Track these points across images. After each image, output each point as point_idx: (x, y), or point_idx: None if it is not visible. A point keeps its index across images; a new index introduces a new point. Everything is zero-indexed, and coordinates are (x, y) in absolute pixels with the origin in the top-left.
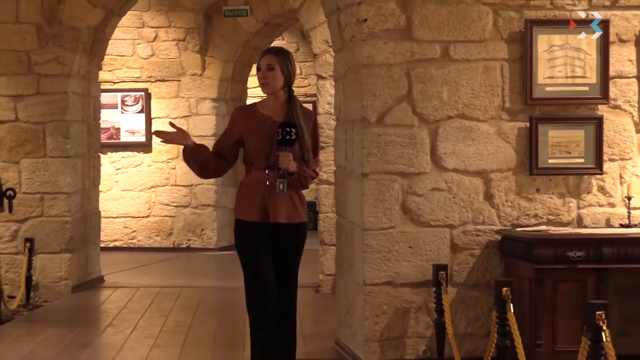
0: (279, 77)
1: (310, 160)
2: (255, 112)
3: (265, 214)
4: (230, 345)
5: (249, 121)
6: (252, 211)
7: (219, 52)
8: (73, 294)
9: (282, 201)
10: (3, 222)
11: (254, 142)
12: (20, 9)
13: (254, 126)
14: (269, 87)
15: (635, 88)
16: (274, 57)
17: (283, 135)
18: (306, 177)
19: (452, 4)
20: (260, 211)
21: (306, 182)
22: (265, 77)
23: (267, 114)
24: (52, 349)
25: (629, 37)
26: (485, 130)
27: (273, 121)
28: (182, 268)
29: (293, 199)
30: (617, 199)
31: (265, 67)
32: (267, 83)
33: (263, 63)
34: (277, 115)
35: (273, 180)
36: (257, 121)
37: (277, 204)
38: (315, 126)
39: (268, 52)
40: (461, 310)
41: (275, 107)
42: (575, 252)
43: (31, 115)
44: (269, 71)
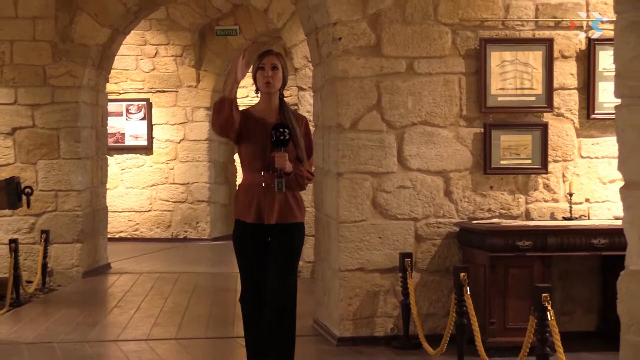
0: (280, 78)
1: (305, 160)
2: (249, 115)
3: (260, 215)
4: (222, 323)
5: (245, 123)
6: (248, 212)
7: (211, 67)
8: (83, 279)
9: (277, 202)
10: (22, 216)
11: (250, 144)
12: (37, 28)
13: (250, 128)
14: (271, 86)
15: (576, 98)
16: (277, 57)
17: (277, 136)
18: (302, 177)
19: (416, 24)
20: (256, 212)
21: (303, 182)
22: (270, 76)
23: (261, 116)
24: (65, 327)
25: (570, 53)
26: (445, 135)
27: (267, 123)
28: (180, 256)
29: (289, 200)
30: (560, 195)
31: (269, 67)
32: (271, 82)
33: (267, 62)
34: (270, 118)
35: (268, 181)
36: (252, 124)
37: (272, 205)
38: (308, 128)
39: (270, 53)
40: (424, 292)
41: (268, 110)
42: (523, 242)
43: (47, 122)
44: (274, 70)
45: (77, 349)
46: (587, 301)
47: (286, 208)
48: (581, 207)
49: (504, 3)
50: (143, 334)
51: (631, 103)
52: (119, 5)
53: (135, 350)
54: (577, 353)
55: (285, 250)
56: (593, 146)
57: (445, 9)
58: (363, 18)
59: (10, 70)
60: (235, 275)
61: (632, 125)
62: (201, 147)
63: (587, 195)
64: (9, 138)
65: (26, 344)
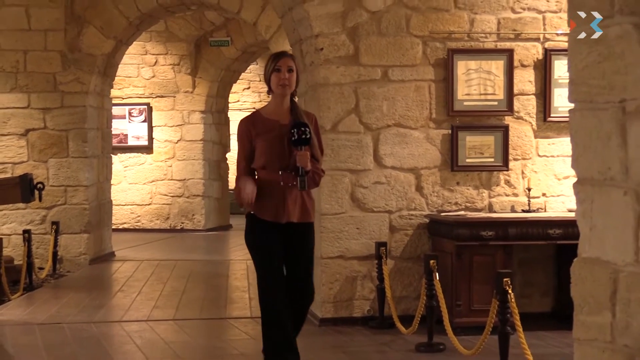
0: (294, 80)
1: (320, 158)
2: (261, 118)
3: (278, 214)
4: (216, 305)
5: (257, 127)
6: (266, 210)
7: (206, 74)
8: (90, 266)
9: (295, 201)
10: (34, 209)
11: (267, 146)
12: (48, 40)
13: (264, 131)
14: (287, 88)
15: (534, 103)
16: (292, 59)
17: (299, 134)
18: (319, 175)
19: (390, 36)
20: (274, 211)
21: (318, 180)
22: (287, 77)
23: (274, 118)
24: (74, 309)
25: (528, 62)
26: (416, 136)
27: (281, 124)
28: (177, 245)
29: (304, 199)
30: (520, 190)
31: (285, 69)
32: (287, 84)
33: (283, 64)
34: (283, 119)
35: (287, 180)
36: (265, 126)
37: (290, 204)
38: (317, 126)
39: (284, 55)
40: (397, 278)
41: (280, 111)
42: (487, 232)
43: (57, 124)
44: (290, 72)
45: (84, 329)
46: (543, 285)
47: (303, 207)
48: (538, 201)
49: (469, 17)
50: (144, 315)
51: (583, 107)
52: (122, 19)
53: (137, 330)
54: (535, 332)
55: (305, 249)
56: (549, 146)
57: (416, 23)
58: (342, 30)
59: (24, 78)
60: (227, 262)
61: (583, 127)
62: (196, 147)
63: (544, 190)
64: (22, 138)
65: (38, 324)
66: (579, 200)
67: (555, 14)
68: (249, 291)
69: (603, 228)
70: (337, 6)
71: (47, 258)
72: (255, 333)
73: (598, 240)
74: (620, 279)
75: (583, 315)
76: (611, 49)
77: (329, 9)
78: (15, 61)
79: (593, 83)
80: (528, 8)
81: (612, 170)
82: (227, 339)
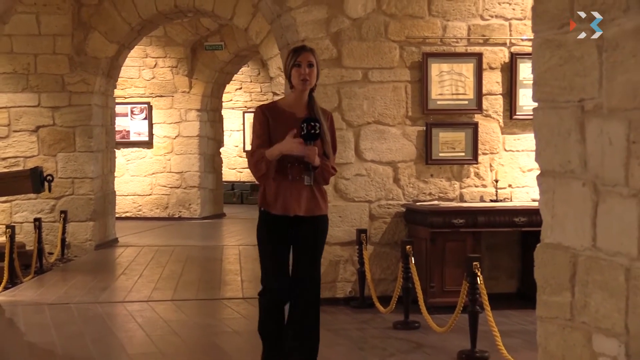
0: (315, 75)
1: (331, 155)
2: (279, 110)
3: (287, 207)
4: (210, 287)
5: (274, 118)
6: (275, 204)
7: (201, 76)
8: (95, 251)
9: (304, 195)
10: (44, 199)
11: (279, 138)
12: (57, 44)
13: (280, 123)
14: (308, 83)
15: (501, 102)
16: (312, 54)
17: (308, 129)
18: (329, 172)
19: (370, 41)
20: (283, 204)
21: (328, 177)
22: (308, 73)
23: (291, 111)
24: (80, 291)
25: (496, 65)
26: (394, 132)
27: (297, 118)
28: (175, 232)
29: (314, 193)
30: (488, 181)
31: (306, 64)
32: (308, 79)
33: (303, 60)
34: (300, 112)
35: (296, 174)
36: (282, 118)
37: (299, 198)
38: (332, 123)
39: (304, 49)
40: (377, 262)
41: (298, 104)
42: (458, 220)
43: (65, 121)
44: (310, 68)
45: (90, 309)
46: (509, 268)
47: (312, 201)
48: (505, 192)
49: (442, 24)
50: (145, 296)
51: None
52: (125, 25)
53: (138, 309)
54: (501, 311)
55: (312, 243)
56: (515, 141)
57: (394, 29)
58: (326, 36)
59: (35, 79)
60: (221, 248)
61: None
62: (193, 142)
63: (510, 181)
64: (33, 134)
65: (48, 304)
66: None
67: (520, 21)
68: (241, 274)
69: (563, 216)
70: (321, 13)
71: (56, 244)
72: (247, 312)
73: (559, 227)
74: (579, 262)
75: (545, 296)
76: (571, 53)
77: (314, 16)
78: (27, 63)
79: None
80: (496, 16)
81: (571, 163)
82: (221, 317)
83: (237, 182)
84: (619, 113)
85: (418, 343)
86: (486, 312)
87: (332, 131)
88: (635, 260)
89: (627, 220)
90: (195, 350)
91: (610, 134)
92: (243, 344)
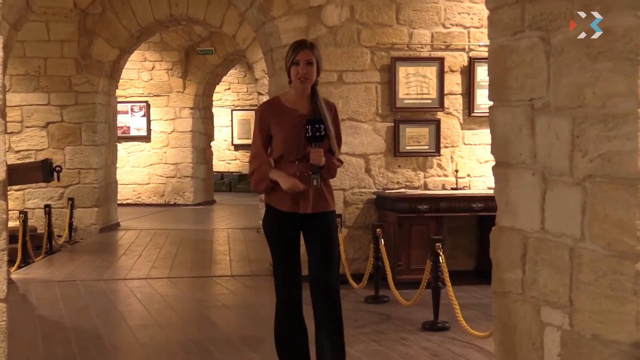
0: (314, 72)
1: (337, 151)
2: (281, 106)
3: (295, 205)
4: (202, 266)
5: (276, 115)
6: (283, 201)
7: (194, 77)
8: (100, 234)
9: (312, 192)
10: (54, 188)
11: (284, 135)
12: (64, 49)
13: (282, 120)
14: (307, 82)
15: (461, 101)
16: (311, 51)
17: (313, 132)
18: (334, 168)
19: (344, 46)
20: (291, 201)
21: (334, 173)
22: (306, 72)
23: (293, 107)
24: (86, 269)
25: (456, 68)
26: (366, 128)
27: (299, 114)
28: (170, 217)
29: (322, 189)
30: (449, 171)
31: (304, 62)
32: (307, 78)
33: (302, 58)
34: (302, 108)
35: (303, 171)
36: (284, 115)
37: (307, 195)
38: (337, 115)
39: (304, 46)
40: (350, 243)
41: (300, 100)
42: (422, 206)
43: (72, 118)
44: (309, 66)
45: (95, 285)
46: (467, 249)
47: (320, 197)
48: (464, 181)
49: (408, 31)
50: (144, 274)
51: (500, 105)
52: (125, 32)
53: (137, 286)
54: (461, 286)
55: (325, 238)
56: (473, 136)
57: (365, 36)
58: None
59: (45, 80)
60: (212, 231)
61: (500, 121)
62: (186, 137)
63: (469, 171)
64: (43, 130)
65: (57, 281)
66: (497, 180)
67: (477, 29)
68: (230, 254)
69: (516, 202)
70: (301, 22)
71: (64, 227)
72: (235, 288)
73: (512, 212)
74: (529, 243)
75: (499, 273)
76: (522, 58)
77: (295, 24)
78: (38, 66)
79: (508, 85)
80: (456, 24)
81: (523, 155)
82: (212, 293)
83: (226, 173)
84: (565, 111)
85: (387, 315)
86: (447, 288)
87: (337, 123)
88: (578, 241)
89: (571, 205)
90: (189, 322)
91: (557, 129)
92: (231, 316)
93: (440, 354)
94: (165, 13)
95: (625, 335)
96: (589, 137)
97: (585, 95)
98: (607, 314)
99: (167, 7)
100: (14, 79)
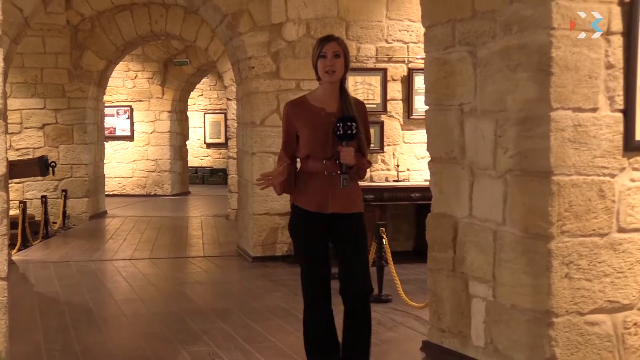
0: (342, 65)
1: (366, 151)
2: (307, 105)
3: (322, 205)
4: (179, 248)
5: (303, 114)
6: (310, 201)
7: (171, 85)
8: (90, 221)
9: (340, 191)
10: (49, 181)
11: (311, 134)
12: (58, 60)
13: (309, 119)
14: (335, 75)
15: (401, 105)
16: (339, 44)
17: (344, 130)
18: (364, 169)
19: (302, 58)
20: (318, 201)
21: (364, 174)
22: (333, 64)
23: (320, 105)
24: (78, 251)
25: (397, 77)
26: None
27: (327, 113)
28: (151, 206)
29: (350, 189)
30: (391, 166)
31: (332, 54)
32: (334, 70)
33: (329, 50)
34: (330, 107)
35: (331, 170)
36: (311, 114)
37: (335, 195)
38: (366, 114)
39: (331, 39)
40: None
41: (328, 98)
42: (369, 196)
43: (65, 120)
44: (336, 58)
45: (85, 265)
46: (407, 232)
47: (348, 198)
48: (404, 174)
49: (356, 46)
50: (128, 255)
51: (435, 108)
52: (112, 46)
53: (123, 266)
54: (401, 264)
55: (353, 241)
56: (412, 135)
57: None
58: (268, 54)
59: (41, 87)
60: (187, 218)
61: (435, 122)
62: (165, 136)
63: (408, 166)
64: (40, 130)
65: (52, 262)
66: (432, 173)
67: (415, 44)
68: (203, 238)
69: (448, 192)
70: (264, 37)
71: (58, 215)
72: (207, 267)
73: (444, 201)
74: (459, 227)
75: (434, 253)
76: (453, 68)
77: (258, 39)
78: (35, 75)
79: (441, 92)
80: (397, 40)
81: (454, 152)
82: (187, 271)
83: (199, 167)
84: (489, 114)
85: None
86: (390, 266)
87: (366, 122)
88: (500, 225)
89: (494, 195)
90: (167, 296)
91: (483, 130)
92: (204, 291)
93: (384, 323)
94: (147, 29)
95: (539, 304)
96: (509, 137)
97: (506, 101)
98: (524, 287)
99: (148, 24)
100: (14, 86)
